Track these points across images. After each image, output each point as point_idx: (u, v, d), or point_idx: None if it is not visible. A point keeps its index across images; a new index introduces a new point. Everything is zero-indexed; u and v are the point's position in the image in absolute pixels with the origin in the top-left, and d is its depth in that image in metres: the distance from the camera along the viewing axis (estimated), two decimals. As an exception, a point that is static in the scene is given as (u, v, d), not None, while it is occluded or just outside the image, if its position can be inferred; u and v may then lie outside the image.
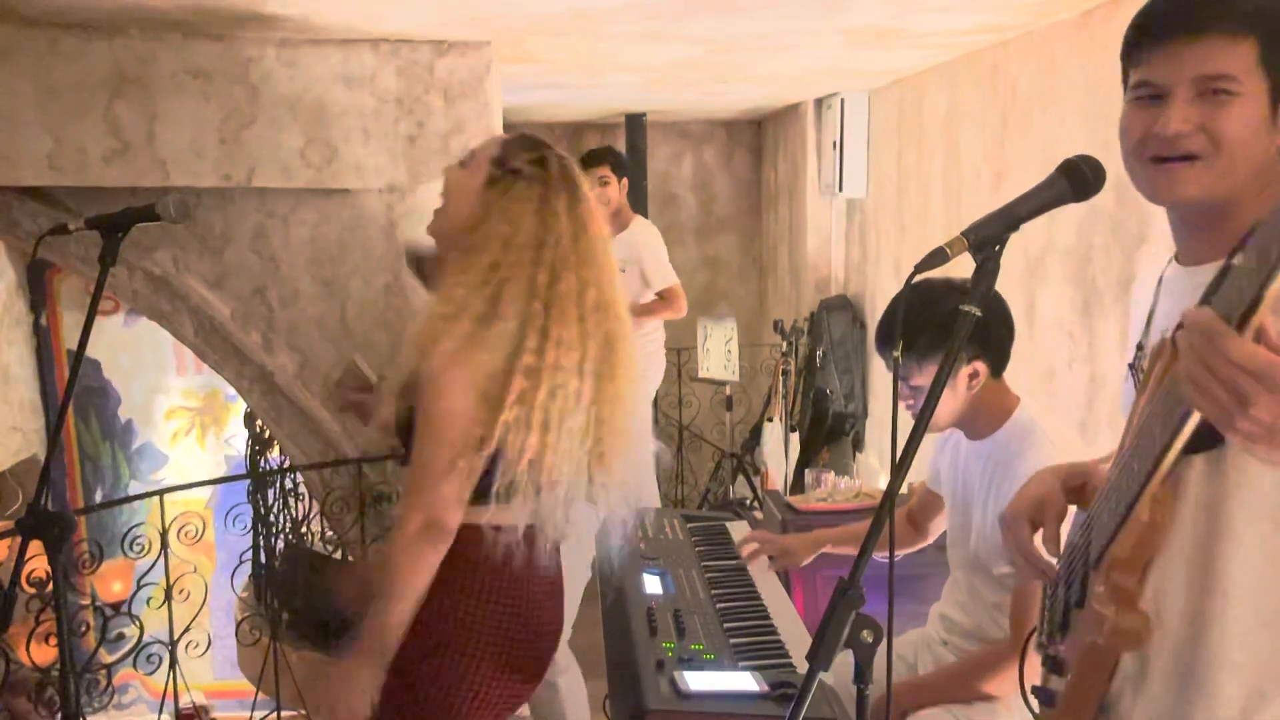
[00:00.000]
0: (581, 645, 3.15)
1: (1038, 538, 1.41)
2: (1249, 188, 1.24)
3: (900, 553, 2.51)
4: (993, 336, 2.12)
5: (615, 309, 1.93)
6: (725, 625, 2.01)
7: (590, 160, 4.71)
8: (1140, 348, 1.36)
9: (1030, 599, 1.99)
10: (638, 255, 4.62)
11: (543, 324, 1.83)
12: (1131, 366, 1.37)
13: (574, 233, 1.89)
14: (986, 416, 2.14)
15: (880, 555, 1.35)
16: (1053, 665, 1.39)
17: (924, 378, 2.09)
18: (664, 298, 4.55)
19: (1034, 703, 1.48)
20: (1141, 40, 1.27)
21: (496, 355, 1.80)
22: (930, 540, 2.49)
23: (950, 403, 2.10)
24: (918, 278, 1.34)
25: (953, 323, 1.81)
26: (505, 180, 1.90)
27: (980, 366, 2.10)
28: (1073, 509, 1.44)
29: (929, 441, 1.64)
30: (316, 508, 4.23)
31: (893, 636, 1.31)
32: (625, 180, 4.71)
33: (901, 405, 2.16)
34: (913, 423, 1.37)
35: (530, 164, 1.92)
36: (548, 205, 1.89)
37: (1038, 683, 1.49)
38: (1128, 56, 1.30)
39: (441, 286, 1.93)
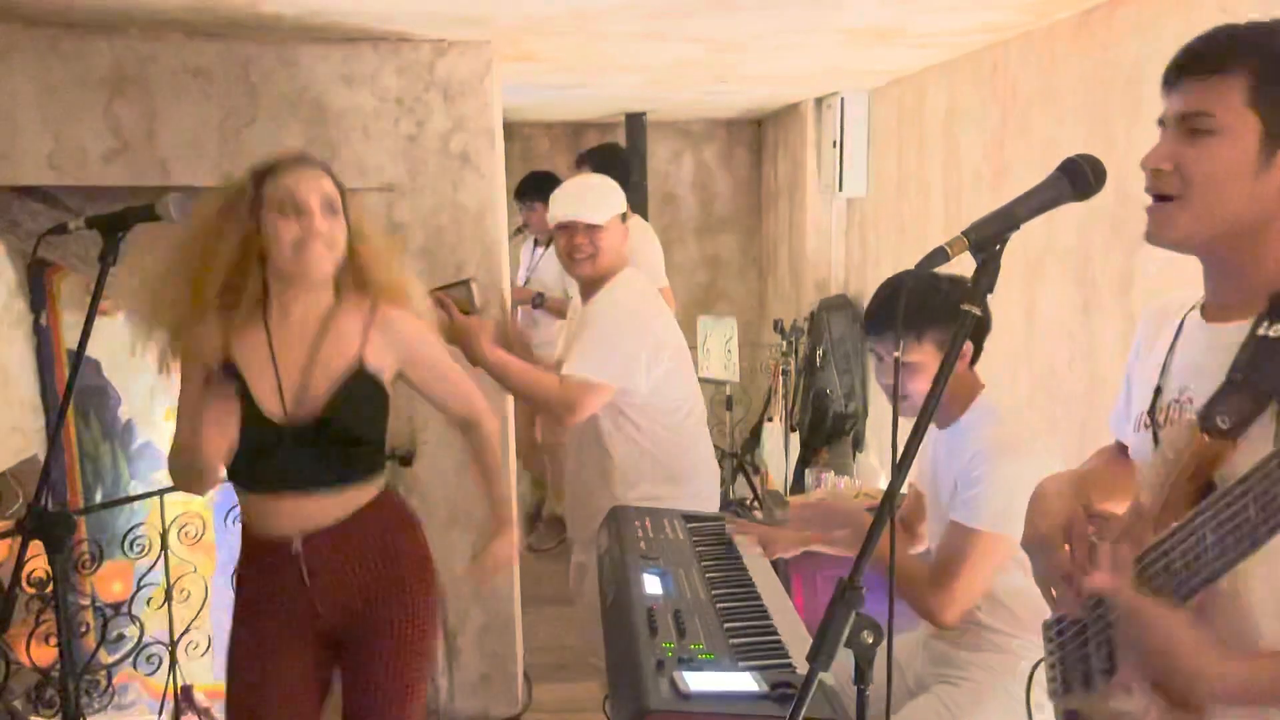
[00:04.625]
0: (581, 645, 3.15)
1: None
2: (1246, 231, 1.21)
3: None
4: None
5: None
6: (725, 625, 2.01)
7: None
8: (1159, 392, 1.34)
9: (963, 558, 2.06)
10: None
11: None
12: (1151, 414, 1.34)
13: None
14: (955, 401, 2.19)
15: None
16: None
17: (893, 353, 2.16)
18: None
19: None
20: (1165, 79, 1.27)
21: None
22: (924, 545, 2.49)
23: (927, 384, 2.13)
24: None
25: (928, 304, 1.99)
26: None
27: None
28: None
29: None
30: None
31: (893, 637, 1.31)
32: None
33: (879, 385, 2.24)
34: (903, 419, 1.37)
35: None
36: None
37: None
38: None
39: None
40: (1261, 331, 1.14)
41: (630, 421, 2.87)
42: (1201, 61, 1.21)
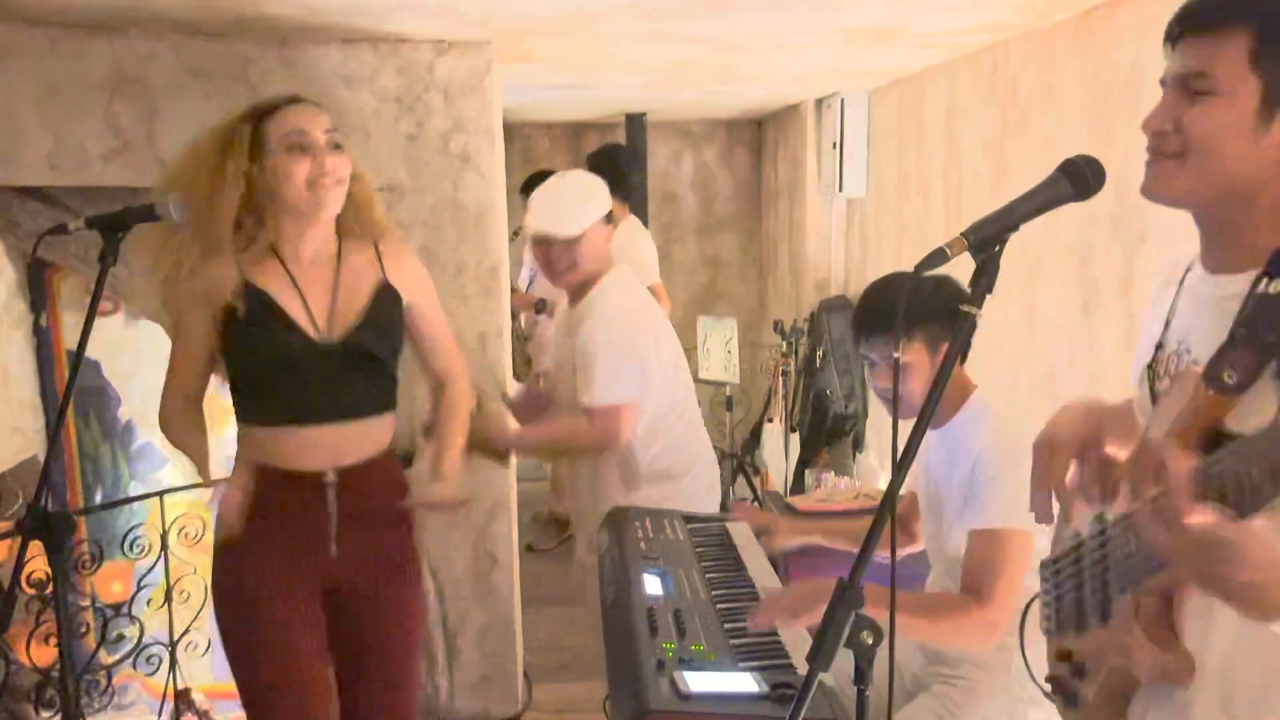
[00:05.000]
0: (581, 645, 3.14)
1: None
2: (1243, 192, 1.21)
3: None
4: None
5: None
6: (726, 625, 2.01)
7: None
8: (1160, 347, 1.34)
9: (998, 560, 2.02)
10: None
11: None
12: (1150, 367, 1.34)
13: None
14: (948, 401, 2.19)
15: (881, 555, 1.35)
16: (1071, 668, 1.36)
17: (891, 354, 2.17)
18: None
19: (1037, 674, 1.47)
20: (1166, 36, 1.26)
21: None
22: (920, 544, 2.49)
23: (920, 384, 2.15)
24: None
25: (915, 303, 2.02)
26: None
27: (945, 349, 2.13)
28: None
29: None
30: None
31: (894, 637, 1.30)
32: None
33: (870, 388, 2.25)
34: (899, 419, 1.37)
35: None
36: None
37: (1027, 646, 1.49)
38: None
39: None
40: (1261, 289, 1.14)
41: None
42: (1201, 19, 1.21)
